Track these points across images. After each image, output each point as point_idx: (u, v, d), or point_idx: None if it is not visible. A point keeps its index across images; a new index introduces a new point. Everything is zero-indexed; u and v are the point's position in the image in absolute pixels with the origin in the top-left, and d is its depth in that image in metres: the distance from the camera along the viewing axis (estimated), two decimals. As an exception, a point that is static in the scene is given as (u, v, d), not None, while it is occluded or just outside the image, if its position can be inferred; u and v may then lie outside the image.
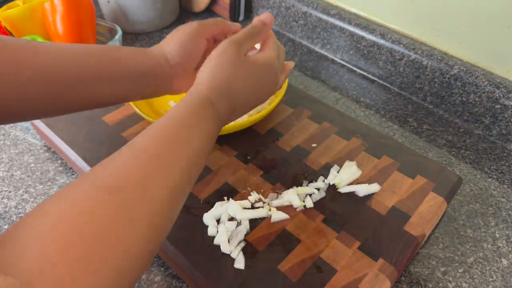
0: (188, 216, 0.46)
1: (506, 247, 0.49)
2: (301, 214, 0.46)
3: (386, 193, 0.48)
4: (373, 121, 0.66)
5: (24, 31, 0.70)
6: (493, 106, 0.60)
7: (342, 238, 0.44)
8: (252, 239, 0.44)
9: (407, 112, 0.68)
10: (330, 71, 0.76)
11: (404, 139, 0.63)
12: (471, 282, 0.45)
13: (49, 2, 0.68)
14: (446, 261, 0.47)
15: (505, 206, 0.53)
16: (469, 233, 0.50)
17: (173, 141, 0.32)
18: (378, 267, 0.41)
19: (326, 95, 0.71)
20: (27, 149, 0.59)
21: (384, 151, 0.54)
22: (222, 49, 0.39)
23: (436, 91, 0.66)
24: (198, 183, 0.49)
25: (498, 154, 0.61)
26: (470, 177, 0.57)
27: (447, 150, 0.61)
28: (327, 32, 0.77)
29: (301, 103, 0.61)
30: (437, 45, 0.67)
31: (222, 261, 0.42)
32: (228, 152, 0.54)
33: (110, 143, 0.54)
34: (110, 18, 0.84)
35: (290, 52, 0.81)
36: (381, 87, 0.73)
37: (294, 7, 0.81)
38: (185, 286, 0.44)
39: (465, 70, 0.62)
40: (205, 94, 0.37)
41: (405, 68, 0.69)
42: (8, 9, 0.70)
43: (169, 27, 0.88)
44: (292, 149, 0.54)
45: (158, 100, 0.61)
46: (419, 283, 0.45)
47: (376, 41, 0.70)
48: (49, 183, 0.54)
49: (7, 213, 0.51)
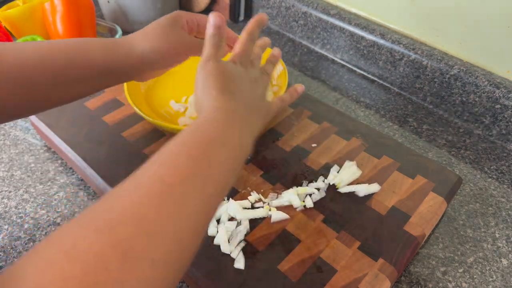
0: (188, 216, 0.46)
1: (506, 247, 0.49)
2: (301, 214, 0.46)
3: (386, 193, 0.49)
4: (373, 121, 0.66)
5: (24, 31, 0.70)
6: (493, 106, 0.60)
7: (342, 238, 0.44)
8: (252, 239, 0.44)
9: (407, 112, 0.68)
10: (330, 71, 0.76)
11: (404, 139, 0.63)
12: (471, 282, 0.45)
13: (49, 2, 0.68)
14: (446, 261, 0.47)
15: (505, 206, 0.53)
16: (469, 233, 0.50)
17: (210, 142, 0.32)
18: (378, 267, 0.41)
19: (326, 95, 0.71)
20: (27, 149, 0.59)
21: (384, 151, 0.54)
22: (199, 70, 0.39)
23: (436, 91, 0.66)
24: (198, 183, 0.49)
25: (498, 154, 0.61)
26: (470, 177, 0.57)
27: (447, 150, 0.61)
28: (327, 32, 0.77)
29: (301, 103, 0.61)
30: (437, 45, 0.67)
31: (222, 261, 0.42)
32: (228, 152, 0.54)
33: (110, 143, 0.54)
34: (110, 18, 0.84)
35: (290, 52, 0.81)
36: (381, 87, 0.73)
37: (294, 7, 0.81)
38: (185, 286, 0.44)
39: (465, 70, 0.62)
40: (215, 105, 0.36)
41: (405, 68, 0.69)
42: (8, 9, 0.70)
43: (169, 27, 0.87)
44: (292, 149, 0.54)
45: (158, 100, 0.61)
46: (419, 283, 0.45)
47: (376, 41, 0.70)
48: (49, 183, 0.54)
49: (7, 213, 0.51)
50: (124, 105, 0.60)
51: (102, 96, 0.61)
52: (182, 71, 0.66)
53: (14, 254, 0.47)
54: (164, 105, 0.60)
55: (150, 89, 0.63)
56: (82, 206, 0.52)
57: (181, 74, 0.66)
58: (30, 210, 0.51)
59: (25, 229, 0.49)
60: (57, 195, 0.53)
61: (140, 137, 0.55)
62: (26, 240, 0.48)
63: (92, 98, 0.61)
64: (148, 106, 0.59)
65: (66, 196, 0.53)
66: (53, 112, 0.58)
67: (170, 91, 0.63)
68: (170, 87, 0.64)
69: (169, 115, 0.59)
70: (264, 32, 0.86)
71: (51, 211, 0.51)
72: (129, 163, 0.51)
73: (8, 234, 0.49)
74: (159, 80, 0.64)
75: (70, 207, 0.52)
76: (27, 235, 0.49)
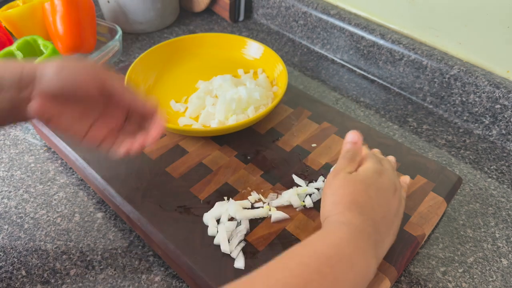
0: (188, 216, 0.46)
1: (506, 247, 0.49)
2: (301, 214, 0.46)
3: (386, 193, 0.48)
4: (373, 121, 0.66)
5: (24, 31, 0.70)
6: (492, 106, 0.60)
7: (342, 238, 0.44)
8: (252, 239, 0.44)
9: (407, 112, 0.68)
10: (330, 71, 0.76)
11: (404, 139, 0.63)
12: (471, 282, 0.45)
13: (49, 2, 0.68)
14: (446, 261, 0.47)
15: (505, 206, 0.53)
16: (469, 233, 0.50)
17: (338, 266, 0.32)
18: (378, 267, 0.41)
19: (326, 95, 0.71)
20: (27, 149, 0.59)
21: (384, 151, 0.54)
22: (328, 181, 0.39)
23: (436, 91, 0.66)
24: (198, 183, 0.49)
25: (498, 154, 0.61)
26: (470, 177, 0.57)
27: (447, 150, 0.61)
28: (327, 32, 0.77)
29: (301, 103, 0.61)
30: (437, 45, 0.67)
31: (222, 261, 0.42)
32: (228, 152, 0.54)
33: (110, 143, 0.54)
34: (110, 18, 0.84)
35: (290, 52, 0.81)
36: (381, 87, 0.73)
37: (294, 7, 0.81)
38: (185, 286, 0.44)
39: (465, 70, 0.62)
40: (341, 220, 0.36)
41: (405, 68, 0.69)
42: (9, 9, 0.70)
43: (169, 27, 0.88)
44: (292, 149, 0.54)
45: (158, 100, 0.61)
46: (419, 283, 0.45)
47: (376, 41, 0.70)
48: (49, 183, 0.55)
49: (7, 213, 0.51)
50: (124, 105, 0.60)
51: (102, 96, 0.61)
52: (182, 71, 0.67)
53: (14, 254, 0.47)
54: (164, 105, 0.60)
55: (150, 89, 0.63)
56: (82, 206, 0.52)
57: (181, 74, 0.66)
58: (30, 210, 0.51)
59: (25, 229, 0.49)
60: (57, 195, 0.53)
61: (140, 137, 0.55)
62: (26, 240, 0.48)
63: (92, 98, 0.61)
64: (148, 106, 0.59)
65: (66, 196, 0.53)
66: (53, 112, 0.58)
67: (170, 91, 0.63)
68: (170, 87, 0.64)
69: (169, 115, 0.59)
70: (264, 32, 0.86)
71: (51, 211, 0.51)
72: (129, 163, 0.52)
73: (8, 234, 0.49)
74: (159, 80, 0.64)
75: (70, 207, 0.52)
76: (27, 235, 0.49)
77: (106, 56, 0.70)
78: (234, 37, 0.68)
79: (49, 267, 0.46)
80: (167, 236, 0.44)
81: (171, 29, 0.87)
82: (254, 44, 0.67)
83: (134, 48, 0.81)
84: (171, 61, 0.67)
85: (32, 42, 0.66)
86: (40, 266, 0.46)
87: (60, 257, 0.47)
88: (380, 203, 0.38)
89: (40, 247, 0.48)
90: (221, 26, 0.88)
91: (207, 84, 0.62)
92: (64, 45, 0.70)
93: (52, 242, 0.48)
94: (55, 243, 0.48)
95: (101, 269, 0.45)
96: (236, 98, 0.56)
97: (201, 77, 0.64)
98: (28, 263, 0.46)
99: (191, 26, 0.88)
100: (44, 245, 0.48)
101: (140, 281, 0.44)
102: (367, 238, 0.35)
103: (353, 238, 0.34)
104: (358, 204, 0.36)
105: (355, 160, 0.41)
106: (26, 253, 0.47)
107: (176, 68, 0.67)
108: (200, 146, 0.54)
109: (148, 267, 0.46)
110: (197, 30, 0.87)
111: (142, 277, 0.45)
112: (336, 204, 0.37)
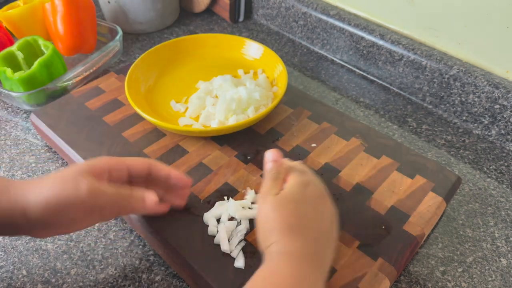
0: (188, 216, 0.46)
1: (505, 247, 0.49)
2: (301, 213, 0.46)
3: (386, 193, 0.49)
4: (372, 121, 0.66)
5: (24, 31, 0.70)
6: (492, 106, 0.61)
7: (342, 238, 0.44)
8: (252, 239, 0.44)
9: (406, 112, 0.68)
10: (329, 71, 0.76)
11: (403, 139, 0.63)
12: (470, 281, 0.45)
13: (50, 3, 0.68)
14: (445, 260, 0.47)
15: (504, 206, 0.53)
16: (468, 233, 0.50)
17: None
18: (378, 267, 0.41)
19: (326, 95, 0.71)
20: (28, 149, 0.60)
21: (383, 151, 0.54)
22: (259, 208, 0.38)
23: (435, 91, 0.67)
24: (198, 183, 0.50)
25: (497, 154, 0.61)
26: (469, 177, 0.57)
27: (446, 150, 0.61)
28: (326, 32, 0.77)
29: (301, 103, 0.61)
30: (436, 45, 0.67)
31: (222, 260, 0.42)
32: (228, 152, 0.54)
33: (111, 143, 0.54)
34: (111, 18, 0.84)
35: (290, 52, 0.81)
36: (381, 87, 0.73)
37: (294, 8, 0.81)
38: (185, 285, 0.44)
39: (464, 70, 0.62)
40: (280, 250, 0.35)
41: (404, 68, 0.69)
42: (9, 9, 0.70)
43: (170, 27, 0.88)
44: (292, 149, 0.55)
45: (159, 100, 0.61)
46: (418, 283, 0.45)
47: (375, 42, 0.71)
48: (49, 183, 0.55)
49: (8, 212, 0.51)
50: (125, 105, 0.60)
51: (103, 96, 0.62)
52: (183, 71, 0.67)
53: (15, 254, 0.47)
54: (165, 106, 0.61)
55: (150, 89, 0.63)
56: (83, 206, 0.52)
57: (182, 74, 0.66)
58: None
59: (26, 228, 0.50)
60: (57, 195, 0.53)
61: (141, 137, 0.55)
62: (27, 240, 0.48)
63: (92, 99, 0.61)
64: (148, 106, 0.59)
65: (66, 196, 0.53)
66: (54, 112, 0.58)
67: (170, 91, 0.63)
68: (170, 87, 0.64)
69: (169, 115, 0.59)
70: (264, 33, 0.87)
71: (51, 211, 0.51)
72: (130, 163, 0.52)
73: (9, 233, 0.49)
74: (160, 80, 0.65)
75: (71, 207, 0.52)
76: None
77: (106, 56, 0.71)
78: (234, 37, 0.68)
79: (49, 267, 0.46)
80: (167, 236, 0.44)
81: (171, 30, 0.87)
82: (254, 44, 0.67)
83: (135, 48, 0.81)
84: (172, 61, 0.67)
85: (33, 42, 0.66)
86: (41, 266, 0.46)
87: (61, 256, 0.47)
88: (313, 217, 0.37)
89: (41, 247, 0.48)
90: (221, 27, 0.89)
91: (207, 84, 0.62)
92: (65, 45, 0.70)
93: (52, 242, 0.48)
94: (56, 243, 0.48)
95: (101, 269, 0.46)
96: (236, 98, 0.56)
97: (201, 77, 0.64)
98: (28, 263, 0.46)
99: (191, 27, 0.88)
100: (45, 245, 0.48)
101: (141, 281, 0.44)
102: (310, 260, 0.35)
103: (296, 267, 0.33)
104: (292, 227, 0.36)
105: (279, 178, 0.40)
106: (27, 252, 0.47)
107: (176, 69, 0.67)
108: (200, 146, 0.55)
109: (148, 266, 0.46)
110: (197, 30, 0.87)
111: (142, 276, 0.45)
112: (270, 232, 0.36)
